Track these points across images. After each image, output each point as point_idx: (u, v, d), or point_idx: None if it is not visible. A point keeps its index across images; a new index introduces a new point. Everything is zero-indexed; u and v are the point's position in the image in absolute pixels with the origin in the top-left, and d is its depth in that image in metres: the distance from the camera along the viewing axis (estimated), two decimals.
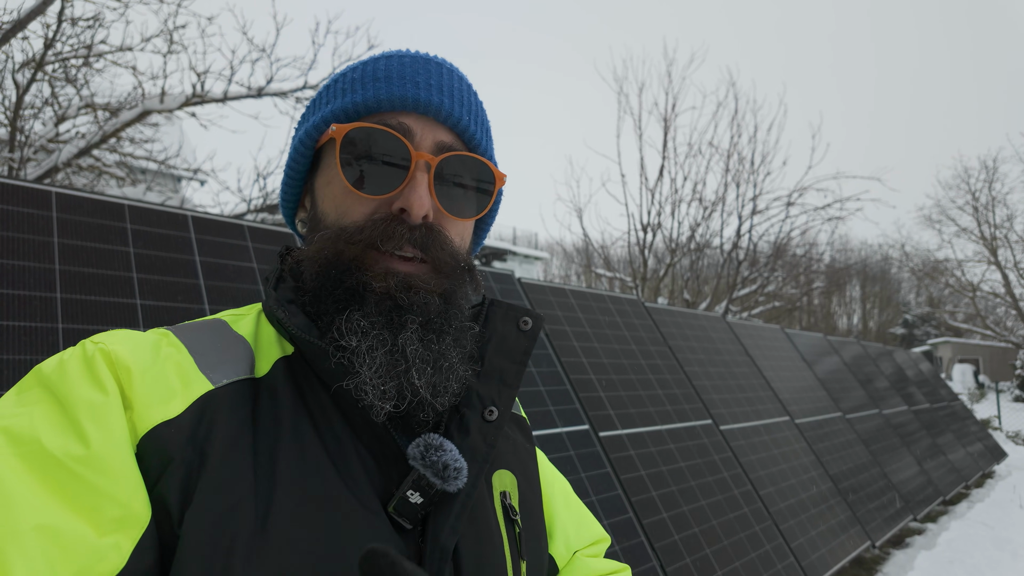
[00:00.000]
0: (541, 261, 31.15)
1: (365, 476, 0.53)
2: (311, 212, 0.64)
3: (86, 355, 0.50)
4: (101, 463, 0.44)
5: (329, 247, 0.57)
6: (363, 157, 0.58)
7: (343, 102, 0.61)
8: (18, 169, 4.16)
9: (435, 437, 0.56)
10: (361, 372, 0.52)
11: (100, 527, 0.43)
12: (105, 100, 5.09)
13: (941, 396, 8.98)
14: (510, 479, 0.66)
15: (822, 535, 3.77)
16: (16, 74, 4.34)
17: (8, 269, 1.66)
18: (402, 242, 0.56)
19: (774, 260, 12.25)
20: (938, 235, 29.78)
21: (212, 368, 0.54)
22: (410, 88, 0.59)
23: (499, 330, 0.67)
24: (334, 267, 0.57)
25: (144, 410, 0.48)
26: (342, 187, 0.59)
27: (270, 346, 0.58)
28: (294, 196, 0.68)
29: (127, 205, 2.05)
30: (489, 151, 0.66)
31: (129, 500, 0.45)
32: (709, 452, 3.47)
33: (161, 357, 0.52)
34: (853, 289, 39.56)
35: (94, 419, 0.46)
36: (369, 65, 0.62)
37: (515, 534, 0.63)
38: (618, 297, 4.04)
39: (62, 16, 4.12)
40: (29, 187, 1.87)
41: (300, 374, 0.57)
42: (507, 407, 0.63)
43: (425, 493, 0.53)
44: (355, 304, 0.55)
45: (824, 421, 5.13)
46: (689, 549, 2.78)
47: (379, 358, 0.53)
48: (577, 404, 2.91)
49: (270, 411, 0.53)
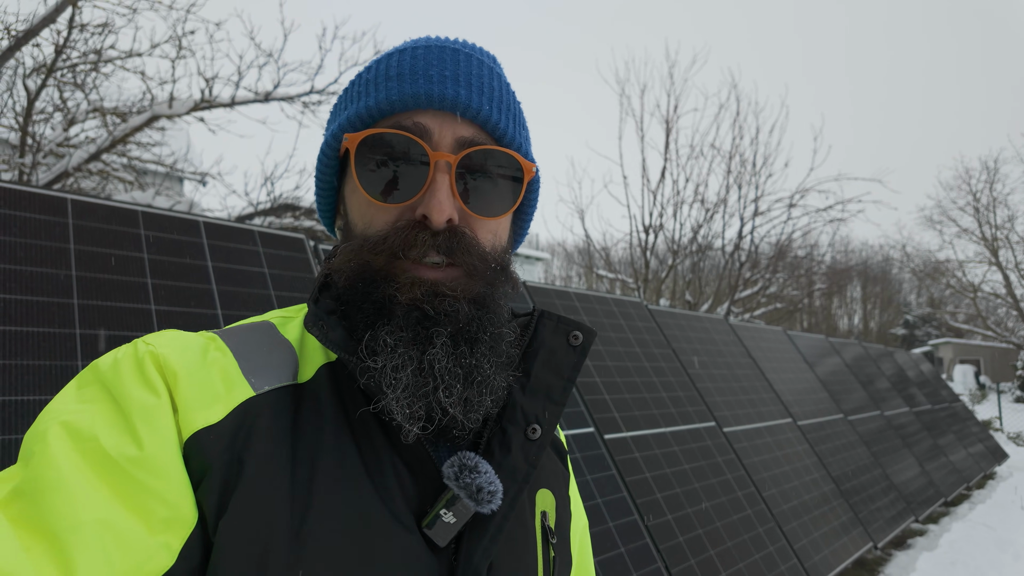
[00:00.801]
0: (542, 262, 31.16)
1: (400, 491, 0.52)
2: (345, 220, 0.62)
3: (138, 356, 0.50)
4: (153, 465, 0.45)
5: (355, 259, 0.56)
6: (380, 165, 0.56)
7: (357, 108, 0.58)
8: (30, 174, 4.21)
9: (471, 457, 0.54)
10: (388, 393, 0.51)
11: (151, 526, 0.44)
12: (113, 104, 5.14)
13: (942, 397, 9.00)
14: (550, 500, 0.65)
15: (825, 536, 3.79)
16: (27, 80, 4.39)
17: (27, 275, 1.69)
18: (426, 249, 0.54)
19: (776, 262, 12.26)
20: (939, 236, 29.72)
21: (255, 373, 0.53)
22: (423, 84, 0.56)
23: (548, 344, 0.63)
24: (360, 279, 0.55)
25: (188, 414, 0.48)
26: (363, 198, 0.57)
27: (315, 351, 0.57)
28: (328, 204, 0.66)
29: (140, 211, 2.08)
30: (518, 140, 0.61)
31: (178, 502, 0.45)
32: (713, 454, 3.49)
33: (208, 361, 0.52)
34: (854, 290, 39.56)
35: (147, 421, 0.46)
36: (383, 63, 0.59)
37: (550, 558, 0.61)
38: (622, 300, 4.06)
39: (72, 22, 4.17)
40: (45, 194, 1.90)
41: (343, 382, 0.56)
42: (552, 426, 0.60)
43: (459, 513, 0.52)
44: (383, 318, 0.54)
45: (826, 423, 5.15)
46: (694, 551, 2.80)
47: (404, 379, 0.51)
48: (582, 407, 2.94)
49: (311, 419, 0.53)
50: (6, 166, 4.32)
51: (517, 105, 0.63)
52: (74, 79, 4.78)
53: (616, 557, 2.44)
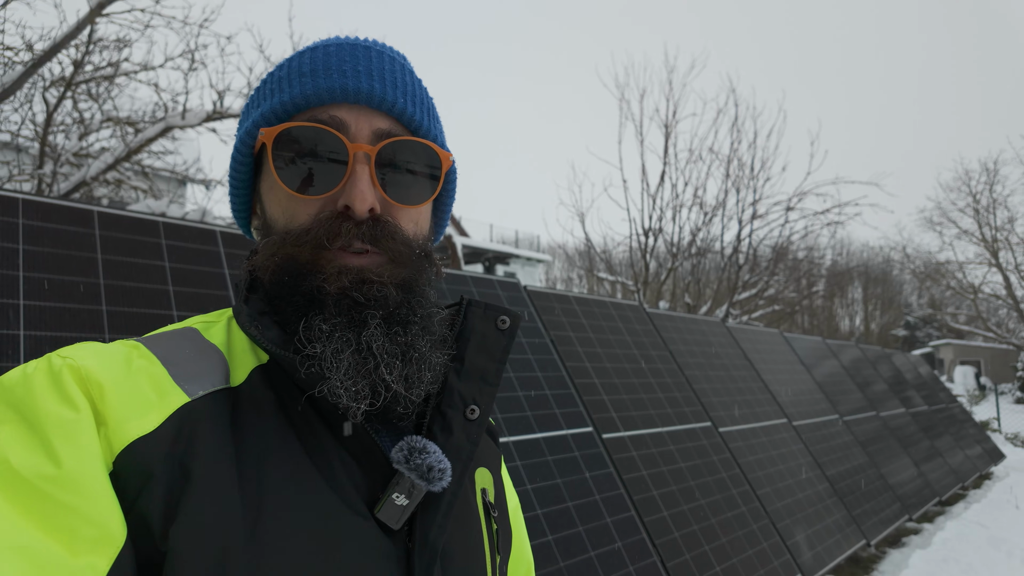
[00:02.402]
0: (543, 264, 31.25)
1: (349, 480, 0.53)
2: (262, 219, 0.62)
3: (52, 370, 0.48)
4: (74, 482, 0.43)
5: (279, 252, 0.56)
6: (298, 158, 0.56)
7: (272, 103, 0.59)
8: (50, 184, 4.34)
9: (418, 439, 0.56)
10: (331, 377, 0.52)
11: (74, 548, 0.42)
12: (126, 114, 5.28)
13: (939, 399, 9.09)
14: (488, 477, 0.68)
15: (818, 534, 3.90)
16: (46, 92, 4.54)
17: (59, 284, 1.81)
18: (350, 238, 0.55)
19: (774, 264, 12.37)
20: (939, 237, 29.88)
21: (187, 379, 0.52)
22: (337, 78, 0.57)
23: (478, 329, 0.66)
24: (287, 273, 0.56)
25: (119, 425, 0.47)
26: (283, 192, 0.57)
27: (244, 354, 0.57)
28: (244, 204, 0.66)
29: (161, 222, 2.19)
30: (433, 132, 0.63)
31: (104, 520, 0.43)
32: (708, 453, 3.60)
33: (133, 370, 0.50)
34: (855, 291, 39.64)
35: (64, 437, 0.44)
36: (295, 60, 0.60)
37: (492, 531, 0.64)
38: (620, 303, 4.17)
39: (91, 38, 4.31)
40: (73, 207, 2.01)
41: (278, 382, 0.56)
42: (488, 406, 0.63)
43: (411, 495, 0.54)
44: (315, 308, 0.55)
45: (822, 423, 5.25)
46: (689, 546, 2.91)
47: (346, 359, 0.53)
48: (581, 407, 3.05)
49: (250, 421, 0.52)
50: (27, 176, 4.46)
51: (430, 99, 0.65)
52: (89, 91, 4.93)
53: (613, 551, 2.54)
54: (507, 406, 2.68)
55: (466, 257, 19.18)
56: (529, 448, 2.61)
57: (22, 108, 4.58)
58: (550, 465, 2.63)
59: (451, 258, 8.65)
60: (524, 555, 0.79)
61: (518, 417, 2.68)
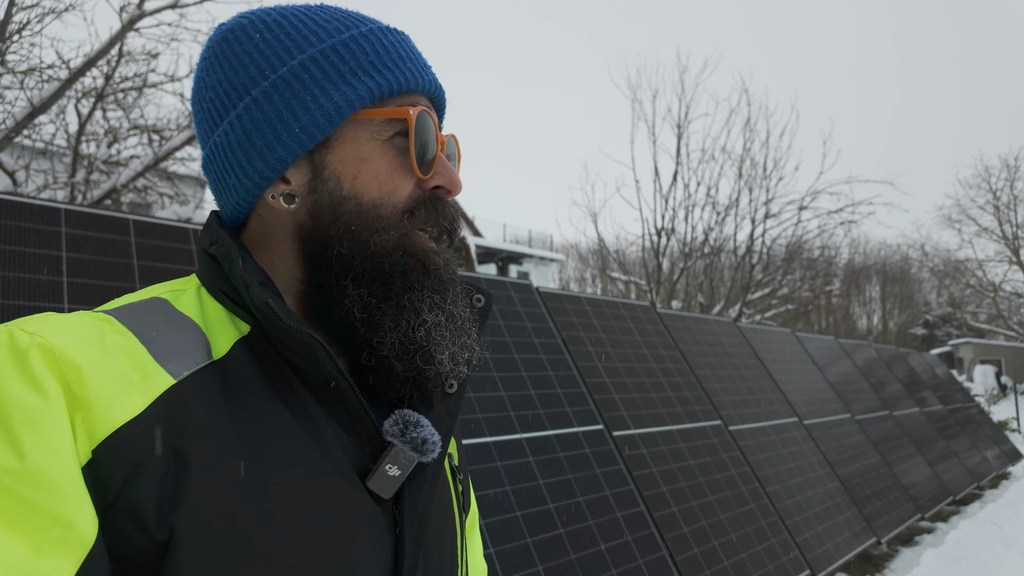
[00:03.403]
0: (556, 263, 31.30)
1: (341, 451, 0.54)
2: (329, 187, 0.57)
3: (17, 349, 0.43)
4: (39, 477, 0.40)
5: (391, 228, 0.58)
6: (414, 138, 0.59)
7: (378, 82, 0.58)
8: (83, 191, 4.53)
9: (410, 413, 0.58)
10: (443, 345, 0.57)
11: (38, 548, 0.39)
12: (152, 122, 5.48)
13: (956, 399, 9.03)
14: (452, 443, 0.73)
15: (828, 531, 3.95)
16: (78, 104, 4.74)
17: (100, 289, 1.93)
18: (444, 219, 0.60)
19: (787, 264, 12.35)
20: (958, 235, 29.48)
21: (168, 358, 0.49)
22: (424, 71, 0.61)
23: None
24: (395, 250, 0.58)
25: (102, 410, 0.44)
26: (393, 166, 0.58)
27: (222, 325, 0.55)
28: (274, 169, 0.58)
29: (191, 229, 2.31)
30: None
31: (72, 518, 0.40)
32: (718, 451, 3.67)
33: (109, 347, 0.47)
34: (873, 289, 39.23)
35: (31, 427, 0.41)
36: (372, 41, 0.59)
37: (458, 492, 0.69)
38: (631, 303, 4.25)
39: (121, 51, 4.49)
40: (111, 215, 2.14)
41: (263, 355, 0.54)
42: (464, 380, 0.66)
43: (403, 466, 0.55)
44: (417, 282, 0.58)
45: (833, 422, 5.28)
46: (697, 541, 2.98)
47: (447, 329, 0.57)
48: (592, 405, 3.13)
49: (240, 396, 0.51)
50: (61, 184, 4.66)
51: None
52: (118, 101, 5.13)
53: (623, 544, 2.63)
54: (520, 404, 2.78)
55: (479, 257, 19.29)
56: (541, 445, 2.70)
57: (56, 119, 4.80)
58: (561, 461, 2.72)
59: (464, 259, 8.74)
60: (473, 505, 0.84)
61: (530, 415, 2.78)
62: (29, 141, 5.14)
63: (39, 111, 3.78)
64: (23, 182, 4.55)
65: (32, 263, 1.89)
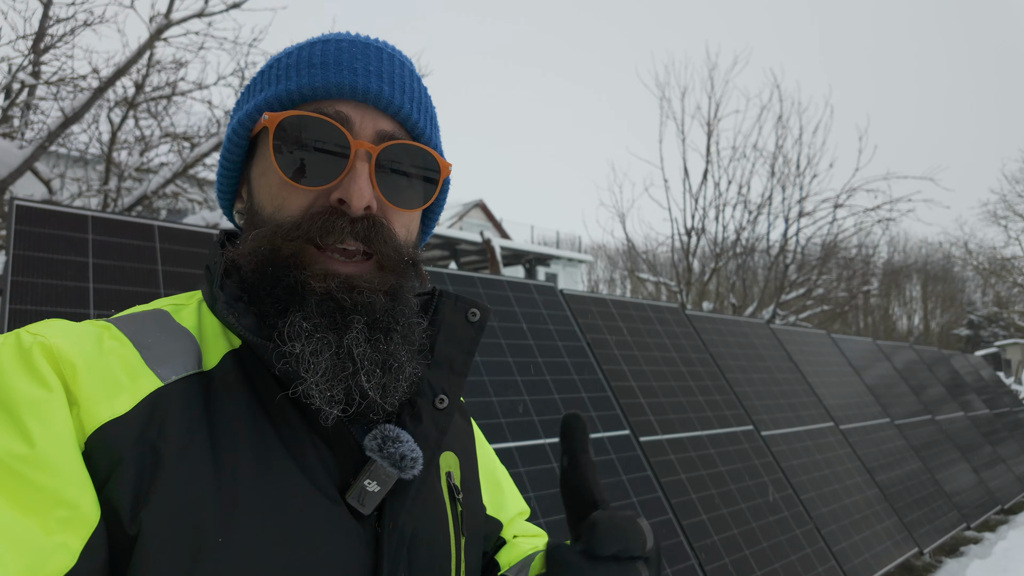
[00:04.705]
0: (585, 264, 31.13)
1: (321, 466, 0.54)
2: (248, 204, 0.62)
3: (23, 347, 0.47)
4: (46, 462, 0.43)
5: (265, 244, 0.56)
6: (299, 147, 0.56)
7: (277, 89, 0.59)
8: (115, 199, 4.67)
9: (391, 428, 0.57)
10: (307, 378, 0.52)
11: (47, 527, 0.42)
12: (182, 130, 5.62)
13: (1003, 402, 8.66)
14: (453, 460, 0.69)
15: (866, 540, 3.80)
16: (111, 113, 4.89)
17: (124, 295, 1.95)
18: (343, 235, 0.55)
19: (822, 263, 12.02)
20: (1004, 231, 28.25)
21: (159, 363, 0.52)
22: (347, 75, 0.57)
23: (448, 320, 0.66)
24: (271, 264, 0.55)
25: (91, 407, 0.47)
26: (277, 178, 0.57)
27: (216, 338, 0.57)
28: (230, 186, 0.66)
29: (215, 234, 2.33)
30: (434, 140, 0.64)
31: (77, 500, 0.44)
32: (750, 457, 3.56)
33: (105, 350, 0.50)
34: (913, 289, 38.03)
35: (37, 416, 0.44)
36: (305, 50, 0.60)
37: (457, 512, 0.65)
38: (658, 305, 4.16)
39: (150, 60, 4.62)
40: (136, 222, 2.17)
41: (251, 367, 0.55)
42: (457, 395, 0.64)
43: (382, 482, 0.54)
44: (295, 305, 0.54)
45: (871, 427, 5.10)
46: (728, 550, 2.89)
47: (324, 362, 0.52)
48: (618, 410, 3.07)
49: (224, 405, 0.52)
50: (94, 192, 4.82)
51: (432, 107, 0.66)
52: (149, 109, 5.28)
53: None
54: (543, 408, 2.73)
55: (506, 259, 19.29)
56: None
57: (89, 128, 4.96)
58: None
59: (491, 262, 8.73)
60: (515, 504, 0.82)
61: (553, 420, 2.73)
62: (64, 150, 5.33)
63: (72, 120, 3.90)
64: (58, 190, 4.72)
65: (60, 269, 1.92)
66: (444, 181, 0.65)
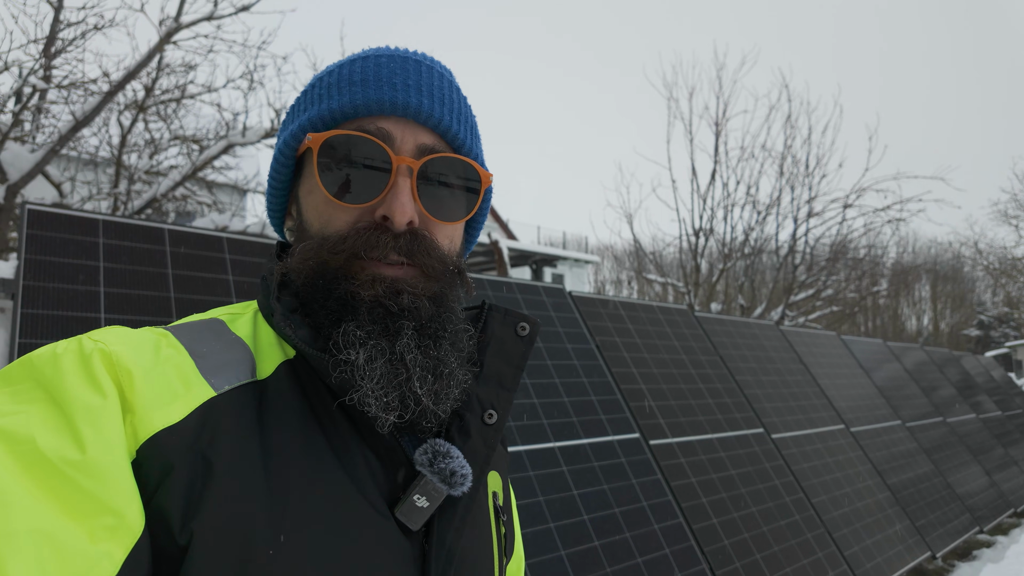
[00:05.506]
0: (592, 264, 31.08)
1: (371, 479, 0.54)
2: (297, 221, 0.63)
3: (83, 353, 0.48)
4: (96, 469, 0.43)
5: (312, 257, 0.57)
6: (343, 165, 0.57)
7: (319, 109, 0.60)
8: (125, 202, 4.71)
9: (442, 443, 0.56)
10: (363, 385, 0.52)
11: (93, 534, 0.42)
12: (191, 132, 5.66)
13: (1015, 404, 8.58)
14: (498, 480, 0.69)
15: (878, 544, 3.76)
16: (120, 116, 4.93)
17: (135, 298, 1.96)
18: (387, 250, 0.56)
19: (831, 264, 11.94)
20: (1015, 231, 28.00)
21: (213, 372, 0.52)
22: (387, 91, 0.58)
23: (497, 334, 0.66)
24: (321, 277, 0.56)
25: (145, 414, 0.47)
26: (323, 197, 0.58)
27: (271, 348, 0.57)
28: (280, 205, 0.67)
29: (225, 238, 2.33)
30: (475, 150, 0.64)
31: (123, 509, 0.43)
32: (760, 460, 3.53)
33: (162, 359, 0.51)
34: (923, 289, 37.75)
35: (91, 423, 0.44)
36: (346, 68, 0.61)
37: (501, 533, 0.65)
38: (667, 307, 4.14)
39: (160, 64, 4.65)
40: (146, 225, 2.17)
41: (304, 378, 0.56)
42: (506, 411, 0.63)
43: (432, 498, 0.54)
44: (348, 315, 0.55)
45: (882, 429, 5.06)
46: (739, 554, 2.87)
47: (379, 368, 0.53)
48: (627, 413, 3.05)
49: (276, 415, 0.53)
50: (104, 195, 4.85)
51: (473, 117, 0.66)
52: (159, 112, 5.32)
53: (661, 558, 2.54)
54: (552, 411, 2.72)
55: (513, 260, 19.26)
56: (574, 454, 2.64)
57: (100, 131, 5.00)
58: (596, 471, 2.65)
59: (498, 263, 8.72)
60: (518, 551, 0.81)
61: (563, 423, 2.72)
62: (75, 153, 5.37)
63: (82, 124, 3.93)
64: (69, 193, 4.75)
65: (71, 273, 1.93)
66: (486, 191, 0.65)
